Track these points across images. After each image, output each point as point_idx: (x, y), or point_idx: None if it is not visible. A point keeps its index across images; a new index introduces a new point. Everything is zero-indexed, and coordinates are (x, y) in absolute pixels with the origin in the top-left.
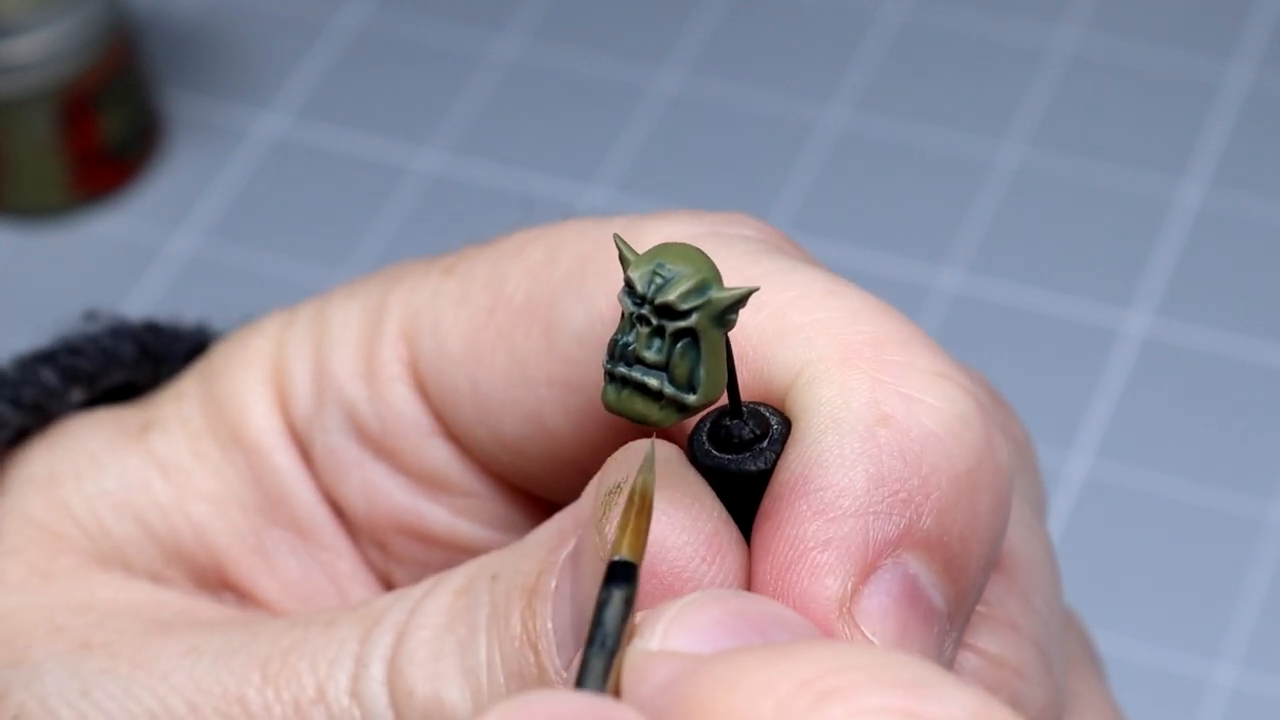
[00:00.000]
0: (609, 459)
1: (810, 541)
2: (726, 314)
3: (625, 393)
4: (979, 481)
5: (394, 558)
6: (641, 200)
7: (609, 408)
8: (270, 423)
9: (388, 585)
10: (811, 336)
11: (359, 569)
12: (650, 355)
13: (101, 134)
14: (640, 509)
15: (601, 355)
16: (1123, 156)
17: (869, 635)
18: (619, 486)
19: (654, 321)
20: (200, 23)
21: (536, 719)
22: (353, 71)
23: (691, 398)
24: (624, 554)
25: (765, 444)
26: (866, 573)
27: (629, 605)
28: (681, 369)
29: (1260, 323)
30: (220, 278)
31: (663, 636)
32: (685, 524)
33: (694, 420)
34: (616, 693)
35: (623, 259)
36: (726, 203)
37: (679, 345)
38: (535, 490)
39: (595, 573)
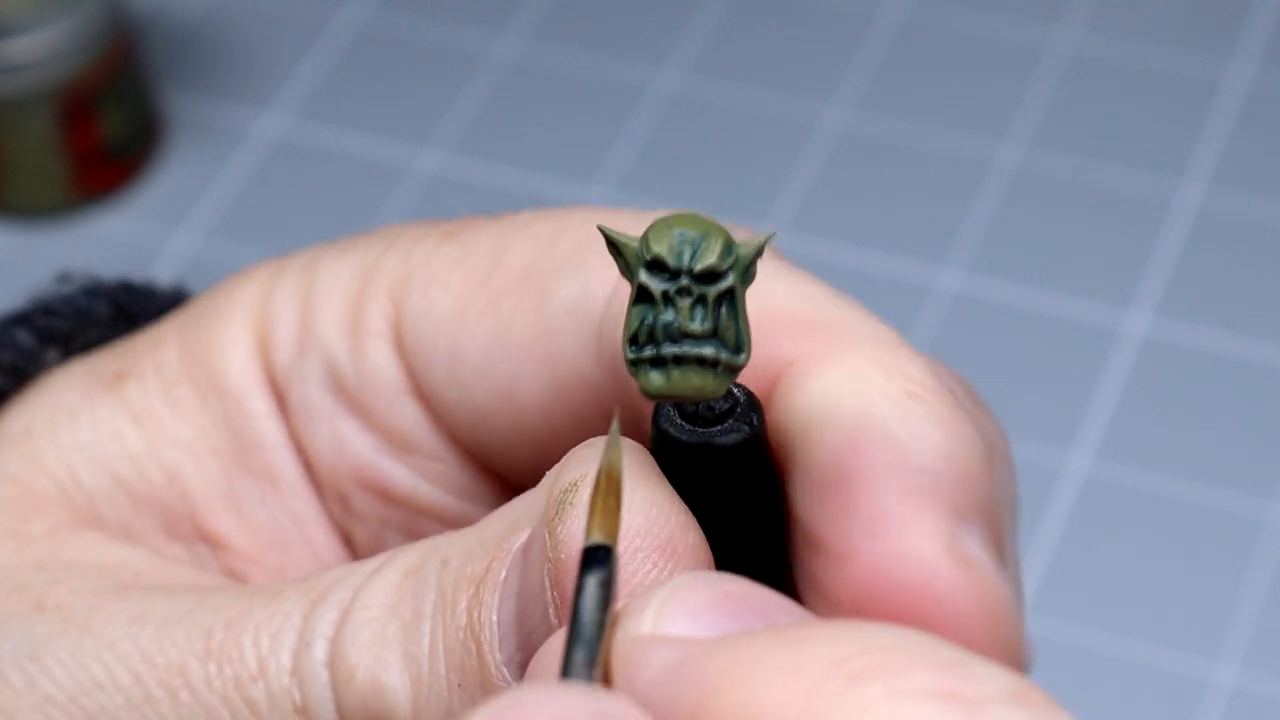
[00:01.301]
0: (567, 455)
1: (908, 485)
2: (750, 267)
3: (678, 372)
4: (989, 469)
5: (354, 513)
6: (641, 200)
7: (658, 394)
8: (249, 367)
9: (348, 540)
10: (824, 326)
11: (323, 520)
12: (697, 326)
13: (101, 134)
14: (608, 488)
15: (588, 335)
16: (1123, 156)
17: (979, 578)
18: (575, 485)
19: (695, 291)
20: (200, 23)
21: None
22: (353, 71)
23: (741, 357)
24: (596, 537)
25: (739, 412)
26: (958, 521)
27: (607, 589)
28: (730, 330)
29: (1260, 323)
30: (220, 278)
31: (654, 620)
32: (640, 528)
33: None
34: (606, 683)
35: (619, 245)
36: (727, 203)
37: (722, 308)
38: (494, 464)
39: (542, 570)
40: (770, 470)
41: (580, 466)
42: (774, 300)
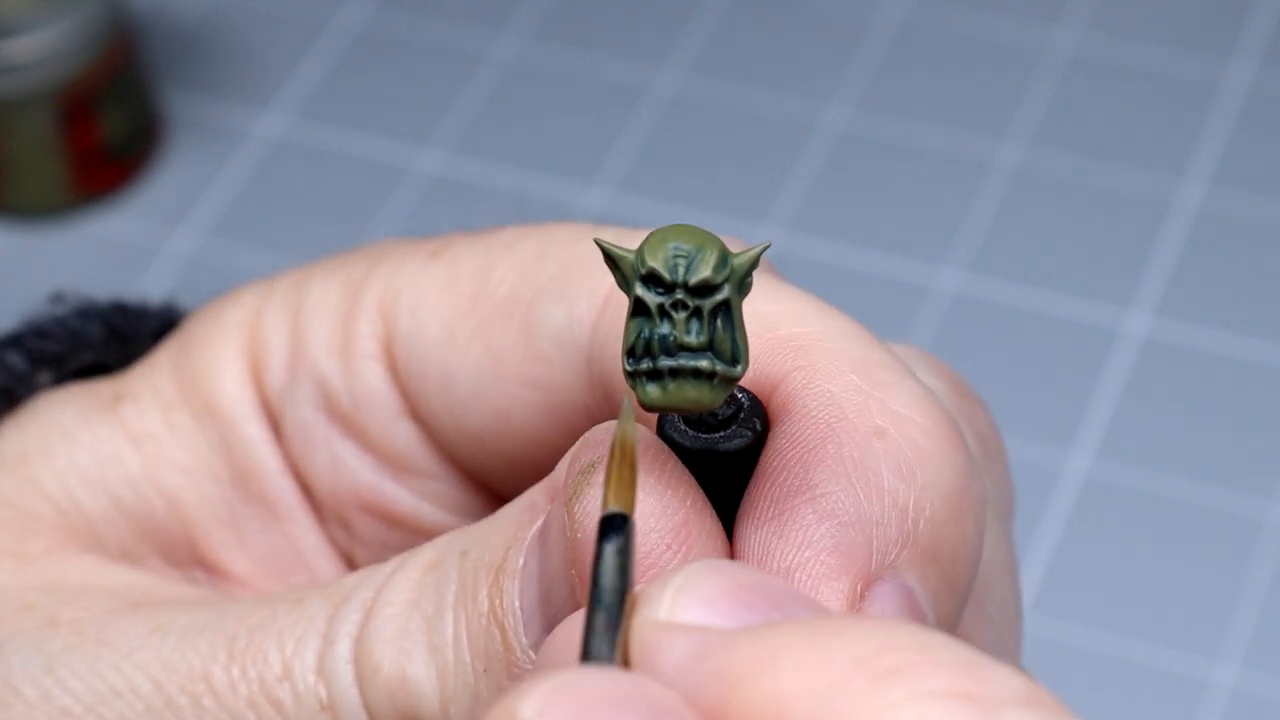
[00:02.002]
0: (583, 437)
1: (820, 544)
2: (745, 278)
3: (674, 384)
4: (966, 504)
5: (356, 536)
6: (641, 200)
7: (655, 406)
8: (243, 393)
9: (350, 563)
10: (803, 346)
11: (325, 545)
12: (693, 339)
13: (101, 134)
14: (623, 459)
15: (579, 362)
16: (1123, 156)
17: None
18: (592, 465)
19: (690, 304)
20: (200, 23)
21: (590, 701)
22: (353, 71)
23: (738, 368)
24: (612, 506)
25: (743, 417)
26: (870, 580)
27: (624, 556)
28: (726, 342)
29: (1260, 323)
30: (220, 278)
31: (670, 607)
32: (655, 511)
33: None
34: (625, 662)
35: (615, 258)
36: (726, 203)
37: (718, 320)
38: (491, 483)
39: (562, 551)
40: None
41: (597, 448)
42: (760, 320)
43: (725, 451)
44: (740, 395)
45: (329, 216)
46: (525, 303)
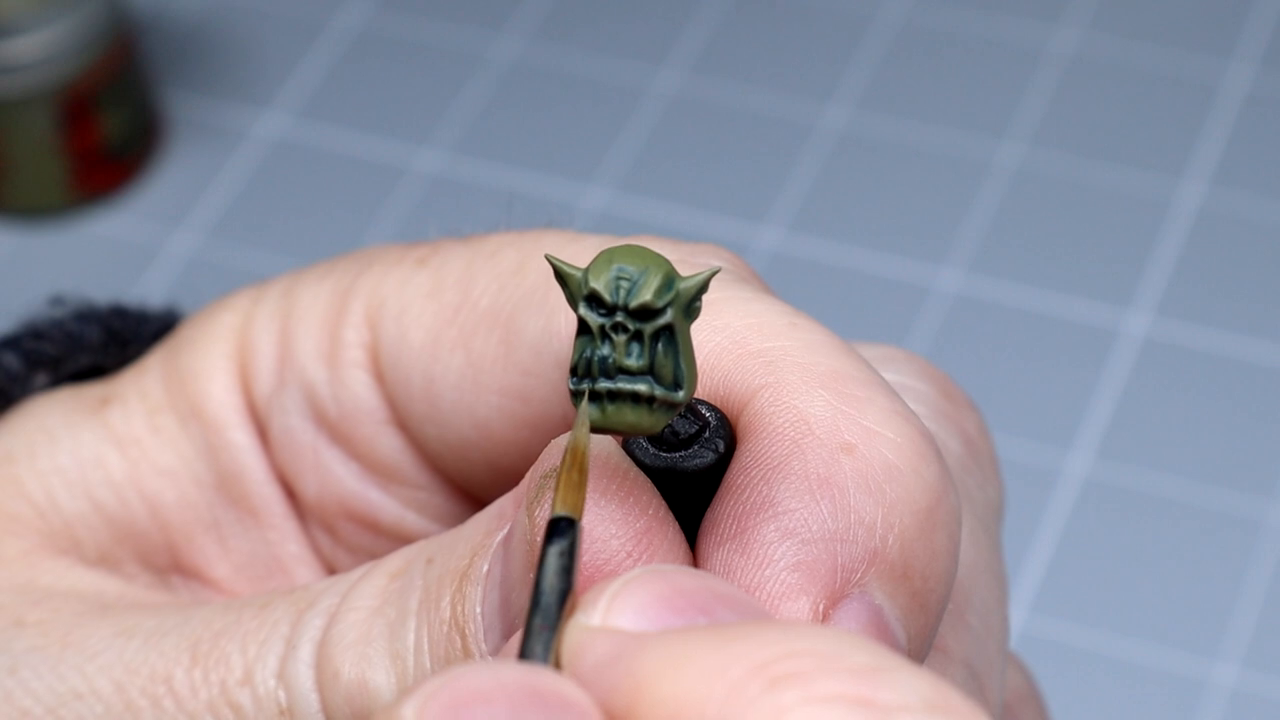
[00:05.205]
0: (549, 445)
1: (780, 563)
2: (694, 302)
3: (612, 407)
4: (938, 520)
5: (341, 544)
6: (641, 200)
7: (595, 427)
8: (230, 398)
9: (331, 571)
10: (772, 361)
11: (306, 552)
12: (632, 362)
13: (101, 134)
14: (573, 464)
15: (557, 374)
16: (1123, 156)
17: None
18: (553, 471)
19: (631, 327)
20: (200, 23)
21: (461, 696)
22: (353, 71)
23: (679, 394)
24: (560, 509)
25: (707, 436)
26: (835, 599)
27: (567, 558)
28: (667, 367)
29: (1260, 323)
30: (220, 278)
31: (604, 612)
32: (616, 518)
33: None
34: (558, 664)
35: (564, 275)
36: (726, 203)
37: (659, 344)
38: (476, 493)
39: (523, 556)
40: None
41: (559, 454)
42: (729, 335)
43: (686, 470)
44: (707, 413)
45: (329, 216)
46: (506, 313)
